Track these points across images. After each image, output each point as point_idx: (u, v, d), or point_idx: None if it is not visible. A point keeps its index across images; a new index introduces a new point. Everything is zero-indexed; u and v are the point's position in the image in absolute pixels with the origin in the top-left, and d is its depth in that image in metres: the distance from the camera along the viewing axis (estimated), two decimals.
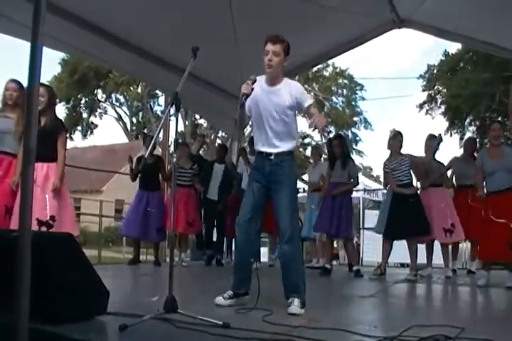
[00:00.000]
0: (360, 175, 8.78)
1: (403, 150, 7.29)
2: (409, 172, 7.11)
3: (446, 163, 7.87)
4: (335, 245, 11.07)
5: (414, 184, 7.41)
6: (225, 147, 10.04)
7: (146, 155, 7.75)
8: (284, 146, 4.06)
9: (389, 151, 7.37)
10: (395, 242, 7.25)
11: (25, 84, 5.00)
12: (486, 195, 6.22)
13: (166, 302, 3.24)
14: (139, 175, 8.35)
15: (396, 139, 7.29)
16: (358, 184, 8.12)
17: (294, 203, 4.05)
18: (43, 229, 3.20)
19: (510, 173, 6.02)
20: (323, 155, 9.32)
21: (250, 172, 4.30)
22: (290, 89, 4.04)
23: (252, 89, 3.97)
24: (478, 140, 7.66)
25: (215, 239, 9.18)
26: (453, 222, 7.26)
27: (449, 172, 7.97)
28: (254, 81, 4.02)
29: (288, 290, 3.95)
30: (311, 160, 9.56)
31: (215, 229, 9.11)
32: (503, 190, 6.00)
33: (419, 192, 7.36)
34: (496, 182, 6.07)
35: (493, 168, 6.10)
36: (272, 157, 4.05)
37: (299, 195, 11.09)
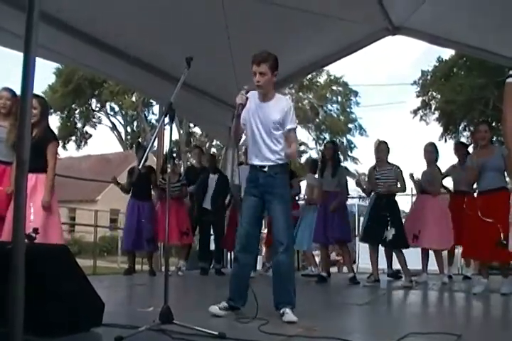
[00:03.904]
0: (353, 181, 8.79)
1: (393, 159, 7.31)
2: (394, 183, 7.10)
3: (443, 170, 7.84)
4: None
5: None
6: (214, 156, 10.04)
7: (139, 166, 7.72)
8: (277, 159, 4.17)
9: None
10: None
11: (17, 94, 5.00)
12: (478, 194, 6.22)
13: (162, 312, 3.23)
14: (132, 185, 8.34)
15: (380, 149, 7.30)
16: (347, 192, 8.10)
17: (288, 214, 4.17)
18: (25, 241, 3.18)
19: (499, 172, 6.00)
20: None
21: (246, 185, 4.36)
22: (281, 106, 4.18)
23: (247, 99, 4.09)
24: (470, 144, 7.60)
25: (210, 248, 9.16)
26: (420, 229, 7.24)
27: (448, 180, 7.97)
28: (248, 91, 4.14)
29: (281, 301, 4.00)
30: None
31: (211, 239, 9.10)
32: (492, 189, 5.98)
33: (414, 199, 7.38)
34: (485, 182, 6.04)
35: (482, 167, 6.06)
36: (266, 169, 4.16)
37: None
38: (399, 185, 7.18)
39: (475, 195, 6.50)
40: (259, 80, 4.09)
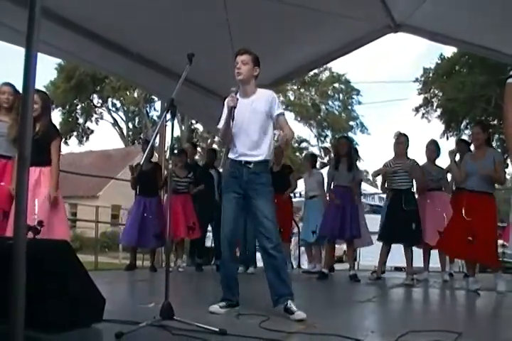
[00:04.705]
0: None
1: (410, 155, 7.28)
2: (410, 177, 7.08)
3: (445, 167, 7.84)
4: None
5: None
6: (213, 151, 10.04)
7: (141, 162, 7.70)
8: (262, 155, 4.17)
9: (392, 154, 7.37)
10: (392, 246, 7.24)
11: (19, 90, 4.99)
12: (465, 191, 6.23)
13: (163, 308, 3.24)
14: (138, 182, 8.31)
15: (400, 141, 7.25)
16: (360, 189, 8.11)
17: (273, 210, 4.16)
18: (30, 234, 3.18)
19: (488, 175, 6.02)
20: (318, 162, 9.27)
21: (226, 181, 4.37)
22: (264, 97, 4.22)
23: (237, 100, 4.10)
24: (471, 142, 7.57)
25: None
26: None
27: (449, 177, 7.96)
28: (237, 92, 4.16)
29: (282, 293, 3.99)
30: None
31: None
32: (478, 191, 6.00)
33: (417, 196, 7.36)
34: (475, 183, 6.04)
35: (472, 169, 6.08)
36: (251, 165, 4.15)
37: (296, 199, 11.15)
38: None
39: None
40: (240, 67, 4.15)
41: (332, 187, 7.73)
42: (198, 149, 18.00)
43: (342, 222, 7.37)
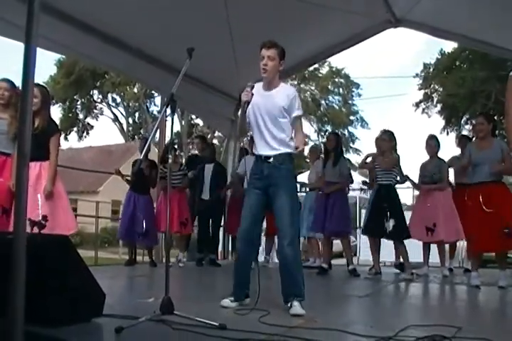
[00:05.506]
0: (356, 173, 8.74)
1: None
2: (394, 174, 7.06)
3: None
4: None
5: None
6: (212, 146, 10.01)
7: (141, 158, 7.69)
8: (283, 148, 4.08)
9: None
10: (390, 241, 7.24)
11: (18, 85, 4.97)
12: (474, 184, 6.17)
13: (163, 303, 3.24)
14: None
15: (381, 138, 7.23)
16: (351, 181, 8.05)
17: (293, 206, 4.06)
18: (35, 229, 3.20)
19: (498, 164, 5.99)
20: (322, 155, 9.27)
21: (250, 177, 4.26)
22: (286, 92, 4.12)
23: (252, 95, 4.05)
24: (472, 137, 7.54)
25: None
26: (435, 222, 7.21)
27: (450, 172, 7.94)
28: (253, 87, 4.09)
29: (290, 293, 3.93)
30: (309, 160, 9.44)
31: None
32: (489, 181, 5.95)
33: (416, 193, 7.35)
34: (484, 174, 5.97)
35: (479, 160, 6.02)
36: (271, 159, 4.07)
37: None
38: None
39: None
40: (267, 64, 4.02)
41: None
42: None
43: (324, 218, 7.45)
